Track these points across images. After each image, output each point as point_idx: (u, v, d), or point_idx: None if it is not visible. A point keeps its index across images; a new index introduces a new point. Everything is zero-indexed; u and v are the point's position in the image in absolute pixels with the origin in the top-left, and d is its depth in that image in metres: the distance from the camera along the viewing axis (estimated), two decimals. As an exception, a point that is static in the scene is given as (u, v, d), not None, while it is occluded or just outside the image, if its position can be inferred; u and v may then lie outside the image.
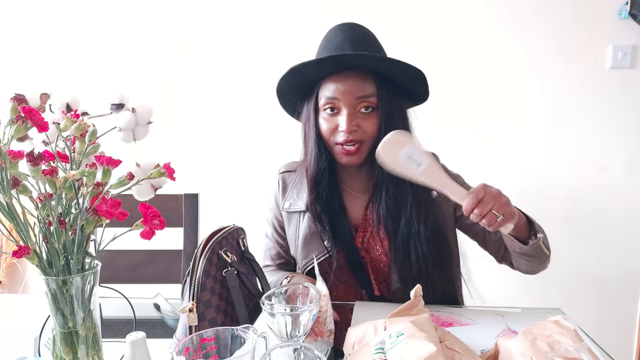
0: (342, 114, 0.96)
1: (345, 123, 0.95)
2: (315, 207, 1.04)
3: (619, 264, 1.87)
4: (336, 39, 0.99)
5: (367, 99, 0.96)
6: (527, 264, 0.99)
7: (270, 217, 1.19)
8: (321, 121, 1.00)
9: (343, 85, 0.96)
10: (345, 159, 1.00)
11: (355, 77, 0.96)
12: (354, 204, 1.08)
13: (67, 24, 2.03)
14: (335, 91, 0.96)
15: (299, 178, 1.12)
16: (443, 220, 1.05)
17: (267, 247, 1.20)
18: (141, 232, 0.64)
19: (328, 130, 0.99)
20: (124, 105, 0.70)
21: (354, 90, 0.95)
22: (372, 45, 1.00)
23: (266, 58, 1.91)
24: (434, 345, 0.59)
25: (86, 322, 0.64)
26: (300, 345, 0.61)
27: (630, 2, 1.71)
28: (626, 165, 1.83)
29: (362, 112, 0.97)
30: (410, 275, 0.99)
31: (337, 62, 0.95)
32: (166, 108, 1.98)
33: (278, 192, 1.16)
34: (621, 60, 1.76)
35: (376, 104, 0.97)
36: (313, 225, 1.05)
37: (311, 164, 1.03)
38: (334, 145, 1.00)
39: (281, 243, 1.18)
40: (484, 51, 1.83)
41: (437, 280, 1.01)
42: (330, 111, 0.98)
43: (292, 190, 1.12)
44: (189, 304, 0.75)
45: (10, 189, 0.57)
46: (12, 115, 0.58)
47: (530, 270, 1.03)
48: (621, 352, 1.92)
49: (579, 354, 0.58)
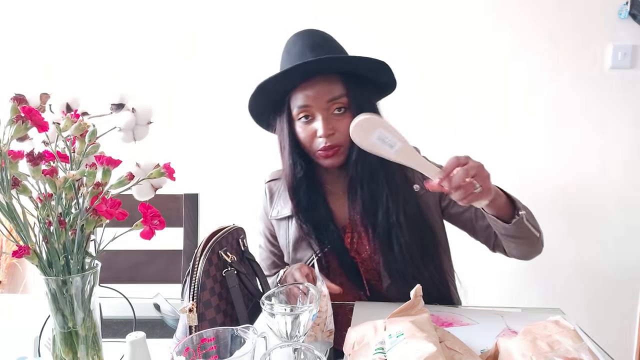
0: (317, 120, 0.98)
1: (322, 127, 0.96)
2: (299, 214, 1.05)
3: (618, 264, 1.87)
4: (295, 48, 1.00)
5: (337, 100, 0.97)
6: (516, 247, 0.97)
7: (262, 227, 1.19)
8: (298, 130, 1.01)
9: (312, 91, 0.97)
10: (327, 162, 1.01)
11: (323, 81, 0.97)
12: (339, 205, 1.08)
13: (67, 24, 2.03)
14: (305, 99, 0.97)
15: (284, 185, 1.13)
16: (428, 211, 1.05)
17: (262, 258, 1.21)
18: (141, 232, 0.64)
19: (307, 138, 1.00)
20: (124, 105, 0.70)
21: (324, 94, 0.96)
22: (332, 47, 1.01)
23: (266, 58, 1.91)
24: (434, 345, 0.59)
25: (86, 322, 0.64)
26: (300, 345, 0.61)
27: (630, 2, 1.71)
28: (625, 165, 1.83)
29: (335, 114, 0.98)
30: (397, 267, 0.99)
31: (302, 71, 0.95)
32: (166, 108, 1.97)
33: (266, 201, 1.17)
34: (621, 60, 1.76)
35: (347, 104, 0.98)
36: (301, 230, 1.06)
37: (288, 175, 1.05)
38: (315, 151, 1.01)
39: (275, 252, 1.19)
40: (484, 51, 1.83)
41: (425, 269, 1.00)
42: (305, 119, 0.99)
43: (279, 197, 1.14)
44: (189, 304, 0.75)
45: (10, 189, 0.57)
46: (12, 115, 0.58)
47: (523, 255, 1.00)
48: (621, 352, 1.92)
49: (579, 354, 0.58)
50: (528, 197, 1.87)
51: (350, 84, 0.98)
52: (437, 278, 1.03)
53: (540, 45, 1.80)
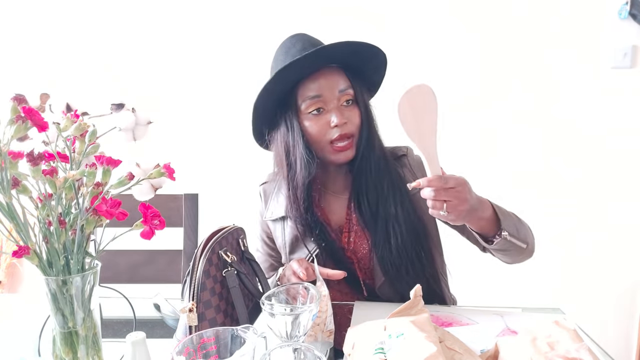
0: (330, 110, 0.97)
1: (337, 117, 0.96)
2: (296, 212, 1.04)
3: (618, 264, 1.87)
4: (296, 47, 1.00)
5: (346, 91, 0.98)
6: (501, 256, 0.98)
7: (259, 231, 1.19)
8: (308, 125, 0.99)
9: (323, 81, 0.97)
10: (341, 156, 1.00)
11: (331, 73, 0.98)
12: (336, 205, 1.08)
13: (67, 24, 2.03)
14: (318, 89, 0.97)
15: (277, 186, 1.13)
16: (420, 209, 1.05)
17: (260, 261, 1.20)
18: (141, 232, 0.64)
19: (319, 131, 0.98)
20: (124, 105, 0.70)
21: (334, 84, 0.98)
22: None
23: (266, 58, 1.91)
24: (434, 345, 0.58)
25: (86, 322, 0.64)
26: (300, 345, 0.61)
27: (630, 2, 1.71)
28: (625, 164, 1.83)
29: (344, 105, 0.99)
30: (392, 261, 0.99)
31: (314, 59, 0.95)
32: (166, 108, 1.97)
33: (261, 204, 1.17)
34: (621, 60, 1.76)
35: (354, 96, 1.00)
36: (296, 231, 1.06)
37: (301, 172, 1.00)
38: (327, 144, 0.99)
39: (272, 254, 1.19)
40: (483, 52, 1.83)
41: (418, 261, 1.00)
42: (317, 112, 0.98)
43: (272, 199, 1.14)
44: (189, 304, 0.75)
45: (10, 189, 0.57)
46: (12, 115, 0.58)
47: (510, 262, 1.01)
48: (621, 352, 1.92)
49: (579, 354, 0.58)
50: (527, 197, 1.88)
51: (353, 78, 1.00)
52: (429, 273, 1.03)
53: (540, 45, 1.81)
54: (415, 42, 1.85)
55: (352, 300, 1.04)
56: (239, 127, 1.92)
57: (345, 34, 1.12)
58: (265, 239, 1.19)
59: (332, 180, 1.10)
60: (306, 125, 1.00)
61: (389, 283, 1.01)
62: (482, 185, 1.37)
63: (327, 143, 0.99)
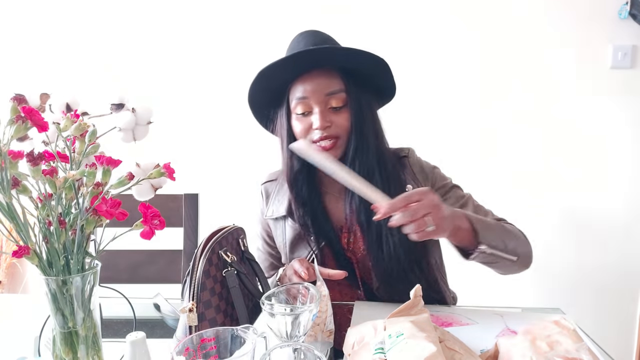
0: (314, 112, 0.98)
1: (318, 120, 0.96)
2: (296, 211, 1.05)
3: (618, 264, 1.87)
4: (299, 45, 1.01)
5: (335, 94, 0.98)
6: (490, 268, 0.97)
7: (259, 230, 1.20)
8: (295, 124, 1.01)
9: (311, 84, 0.97)
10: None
11: (322, 75, 0.98)
12: (336, 206, 1.08)
13: (67, 25, 2.03)
14: (304, 91, 0.98)
15: (280, 185, 1.13)
16: None
17: (260, 260, 1.20)
18: (141, 232, 0.64)
19: (302, 131, 1.00)
20: (124, 105, 0.70)
21: (322, 87, 0.97)
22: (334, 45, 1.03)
23: (266, 58, 1.91)
24: (434, 345, 0.58)
25: (86, 322, 0.64)
26: (300, 345, 0.61)
27: (630, 2, 1.71)
28: (626, 164, 1.83)
29: (332, 108, 0.98)
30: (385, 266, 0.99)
31: (300, 61, 0.96)
32: (166, 108, 1.97)
33: (262, 202, 1.18)
34: (621, 60, 1.76)
35: (346, 100, 0.99)
36: (297, 230, 1.06)
37: (287, 168, 1.05)
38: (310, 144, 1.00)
39: (273, 254, 1.19)
40: (483, 51, 1.83)
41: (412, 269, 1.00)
42: (302, 113, 0.99)
43: (274, 198, 1.14)
44: (189, 304, 0.75)
45: (10, 189, 0.57)
46: (12, 115, 0.58)
47: (502, 273, 1.00)
48: (621, 352, 1.92)
49: (579, 354, 0.58)
50: (526, 198, 1.88)
51: (349, 81, 0.99)
52: (425, 277, 1.03)
53: (540, 45, 1.81)
54: (415, 41, 1.85)
55: (352, 300, 1.04)
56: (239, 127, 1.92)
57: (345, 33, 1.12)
58: (265, 238, 1.19)
59: (331, 180, 1.10)
60: (293, 125, 1.02)
61: (384, 287, 1.01)
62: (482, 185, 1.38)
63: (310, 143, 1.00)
